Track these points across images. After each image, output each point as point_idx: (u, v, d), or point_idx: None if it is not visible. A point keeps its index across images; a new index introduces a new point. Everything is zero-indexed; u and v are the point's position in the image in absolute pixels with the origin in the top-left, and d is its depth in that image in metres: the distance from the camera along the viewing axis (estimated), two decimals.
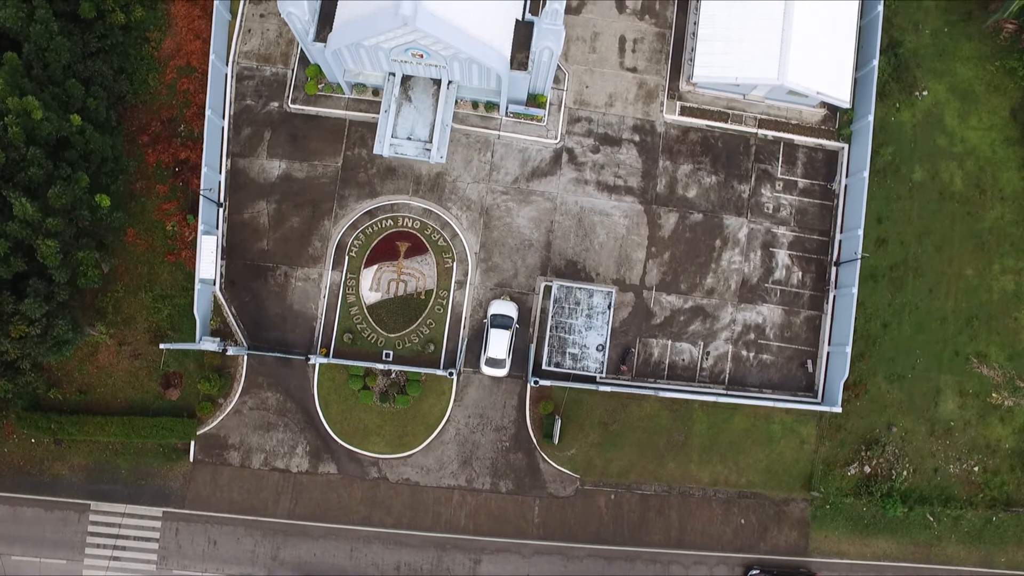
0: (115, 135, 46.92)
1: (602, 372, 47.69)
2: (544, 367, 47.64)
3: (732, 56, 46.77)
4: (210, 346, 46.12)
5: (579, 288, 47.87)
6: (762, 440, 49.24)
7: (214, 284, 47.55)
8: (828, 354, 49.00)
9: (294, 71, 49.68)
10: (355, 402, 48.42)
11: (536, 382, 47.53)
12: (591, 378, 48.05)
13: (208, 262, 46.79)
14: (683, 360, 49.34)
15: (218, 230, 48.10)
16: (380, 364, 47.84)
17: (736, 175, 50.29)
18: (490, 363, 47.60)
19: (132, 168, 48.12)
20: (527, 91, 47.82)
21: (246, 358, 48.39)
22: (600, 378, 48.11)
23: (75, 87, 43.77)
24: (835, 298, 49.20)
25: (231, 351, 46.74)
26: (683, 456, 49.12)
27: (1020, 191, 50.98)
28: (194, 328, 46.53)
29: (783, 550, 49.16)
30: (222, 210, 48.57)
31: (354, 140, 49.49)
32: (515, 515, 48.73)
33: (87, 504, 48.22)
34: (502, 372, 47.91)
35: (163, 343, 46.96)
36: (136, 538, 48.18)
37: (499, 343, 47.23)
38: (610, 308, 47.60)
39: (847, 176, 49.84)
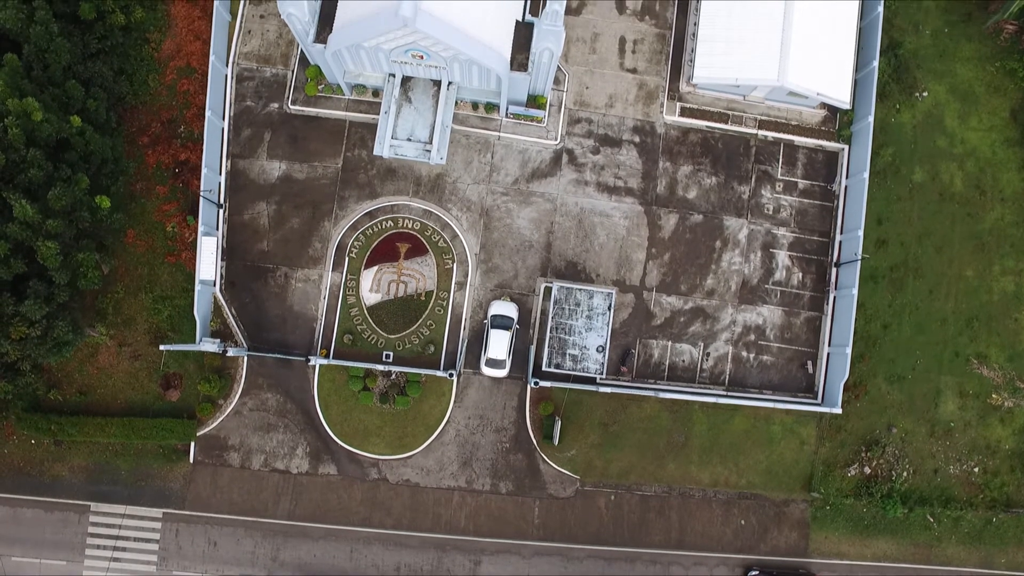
0: (115, 136, 46.91)
1: (602, 373, 47.68)
2: (544, 368, 47.64)
3: (732, 57, 46.75)
4: (210, 347, 46.17)
5: (579, 289, 47.86)
6: (762, 441, 49.25)
7: (214, 285, 47.57)
8: (828, 355, 49.00)
9: (294, 72, 49.67)
10: (355, 403, 48.43)
11: (536, 383, 47.54)
12: (591, 379, 48.05)
13: (208, 263, 46.82)
14: (683, 361, 49.35)
15: (218, 231, 48.11)
16: (380, 365, 47.84)
17: (736, 176, 50.27)
18: (490, 364, 47.60)
19: (132, 169, 48.13)
20: (527, 92, 47.80)
21: (246, 359, 48.39)
22: (600, 379, 48.10)
23: (75, 88, 43.74)
24: (835, 299, 49.20)
25: (231, 352, 46.77)
26: (683, 457, 49.13)
27: (1020, 192, 50.98)
28: (194, 329, 46.57)
29: (783, 551, 49.17)
30: (222, 211, 48.58)
31: (354, 141, 49.48)
32: (515, 516, 48.74)
33: (87, 505, 48.24)
34: (502, 373, 47.92)
35: (163, 344, 47.00)
36: (136, 539, 48.21)
37: (499, 344, 47.24)
38: (610, 309, 47.59)
39: (847, 177, 49.84)
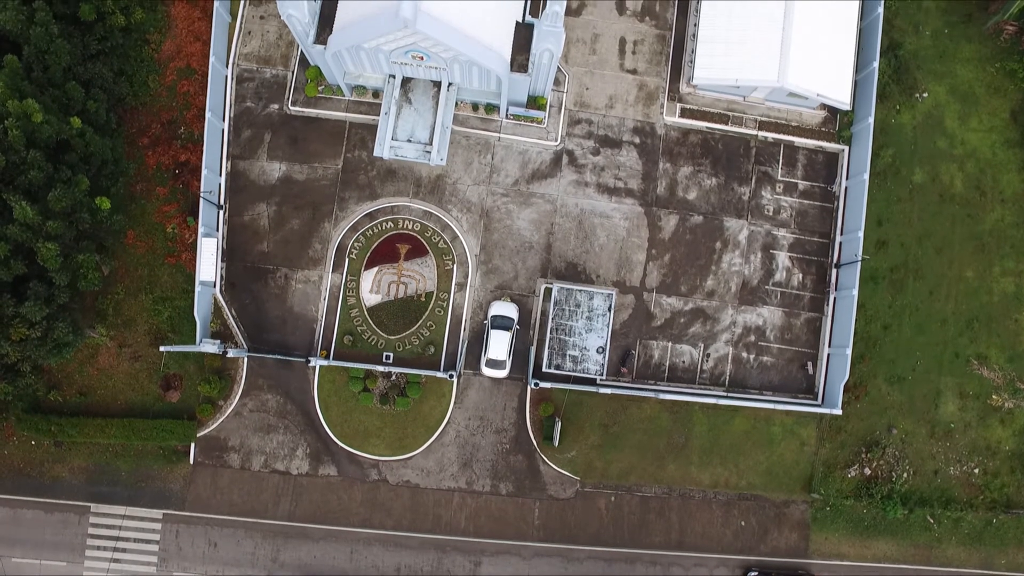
0: (115, 137, 46.91)
1: (602, 374, 47.64)
2: (544, 369, 47.62)
3: (732, 58, 46.73)
4: (210, 348, 46.18)
5: (579, 290, 47.85)
6: (762, 442, 49.24)
7: (214, 286, 47.59)
8: (828, 356, 48.99)
9: (294, 73, 49.66)
10: (355, 404, 48.43)
11: (536, 384, 47.54)
12: (591, 380, 48.03)
13: (208, 264, 46.85)
14: (683, 362, 49.34)
15: (218, 232, 48.11)
16: (380, 366, 47.83)
17: (736, 177, 50.26)
18: (490, 364, 47.60)
19: (132, 170, 48.15)
20: (527, 93, 47.78)
21: (246, 360, 48.39)
22: (600, 380, 48.09)
23: (75, 89, 43.73)
24: (835, 300, 49.19)
25: (231, 353, 46.77)
26: (683, 458, 49.13)
27: (1020, 193, 50.94)
28: (194, 330, 46.58)
29: (783, 552, 49.17)
30: (222, 212, 48.58)
31: (354, 142, 49.47)
32: (515, 517, 48.74)
33: (87, 506, 48.26)
34: (502, 373, 47.92)
35: (163, 345, 47.00)
36: (136, 540, 48.22)
37: (500, 344, 47.23)
38: (610, 310, 47.56)
39: (847, 178, 49.82)
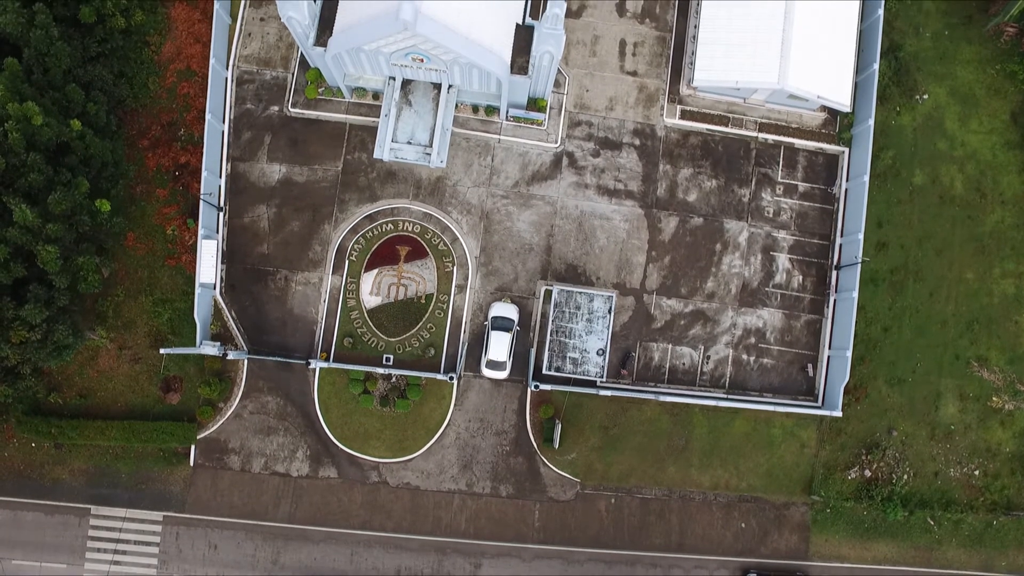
0: (115, 139, 46.88)
1: (602, 376, 47.65)
2: (544, 371, 47.61)
3: (732, 60, 46.69)
4: (210, 350, 46.17)
5: (579, 292, 47.84)
6: (762, 444, 49.23)
7: (214, 288, 47.60)
8: (828, 358, 48.98)
9: (294, 75, 49.64)
10: (355, 406, 48.42)
11: (536, 386, 47.53)
12: (591, 382, 48.03)
13: (208, 266, 46.86)
14: (683, 364, 49.33)
15: (218, 234, 48.11)
16: (380, 368, 47.80)
17: (736, 179, 50.24)
18: (491, 365, 47.58)
19: (132, 172, 48.17)
20: (527, 95, 47.74)
21: (246, 362, 48.38)
22: (600, 382, 48.09)
23: (75, 92, 43.70)
24: (835, 302, 49.17)
25: (231, 355, 46.74)
26: (683, 460, 49.12)
27: (1020, 195, 50.92)
28: (194, 332, 46.56)
29: (783, 554, 49.16)
30: (222, 214, 48.57)
31: (354, 144, 49.45)
32: (515, 519, 48.74)
33: (87, 508, 48.25)
34: (503, 374, 47.91)
35: (163, 347, 46.93)
36: (136, 542, 48.21)
37: (500, 345, 47.21)
38: (610, 312, 47.56)
39: (847, 180, 49.80)
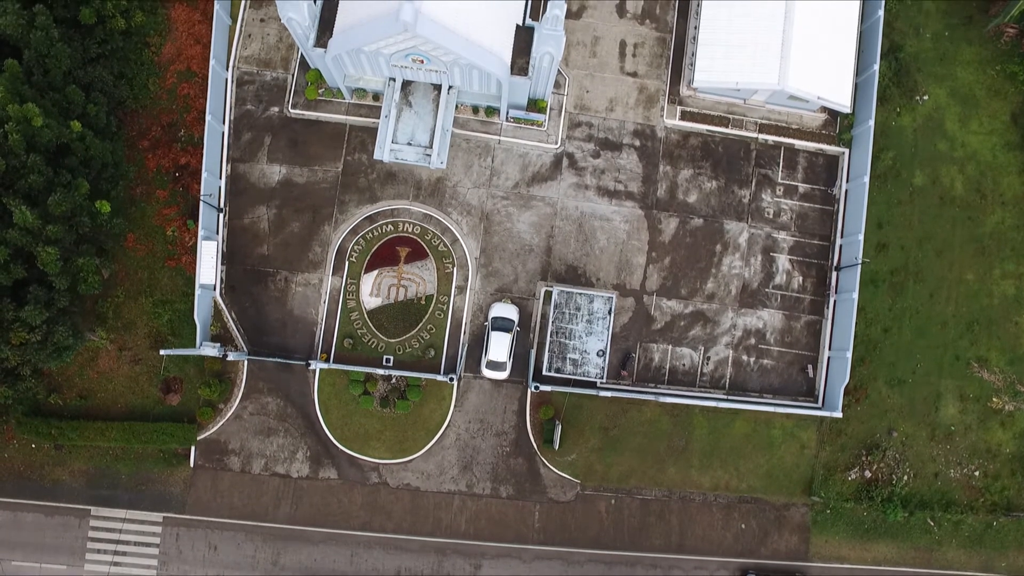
0: (115, 141, 46.85)
1: (603, 377, 47.62)
2: (544, 372, 47.57)
3: (733, 61, 46.67)
4: (210, 351, 46.14)
5: (579, 293, 47.82)
6: (763, 445, 49.22)
7: (214, 289, 47.59)
8: (829, 359, 48.98)
9: (294, 76, 49.62)
10: (355, 407, 48.41)
11: (536, 387, 47.54)
12: (591, 383, 48.01)
13: (208, 267, 46.85)
14: (684, 365, 49.32)
15: (218, 235, 48.10)
16: (380, 369, 47.78)
17: (737, 180, 50.23)
18: (491, 366, 47.57)
19: (132, 173, 48.15)
20: (528, 96, 47.72)
21: (246, 363, 48.38)
22: (600, 383, 48.08)
23: (75, 93, 43.68)
24: (836, 303, 49.17)
25: (231, 356, 46.69)
26: (684, 461, 49.12)
27: (1021, 196, 50.91)
28: (194, 333, 46.56)
29: (784, 555, 49.15)
30: (222, 215, 48.56)
31: (354, 145, 49.44)
32: (515, 520, 48.74)
33: (87, 509, 48.24)
34: (503, 375, 47.90)
35: (163, 348, 46.77)
36: (136, 543, 48.20)
37: (500, 345, 47.20)
38: (611, 313, 47.54)
39: (847, 181, 49.79)
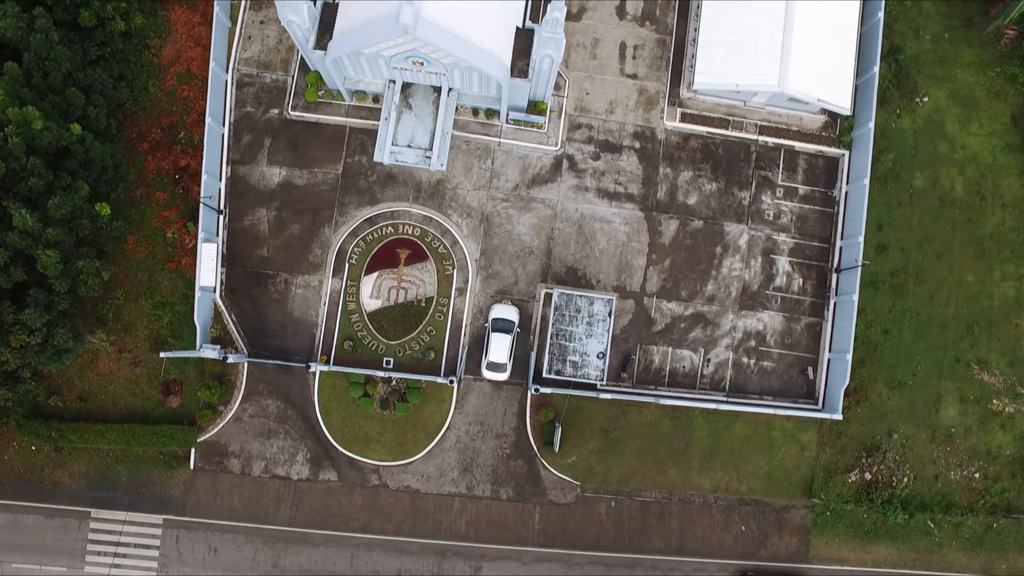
0: (115, 143, 46.79)
1: (603, 379, 47.61)
2: (545, 374, 47.56)
3: (733, 63, 46.65)
4: (210, 353, 46.10)
5: (580, 295, 47.81)
6: (763, 447, 49.22)
7: (214, 291, 47.58)
8: (829, 361, 48.98)
9: (294, 78, 49.61)
10: (356, 409, 48.42)
11: (537, 389, 47.54)
12: (592, 385, 48.02)
13: (208, 269, 46.84)
14: (684, 367, 49.32)
15: (218, 237, 48.08)
16: (381, 371, 47.76)
17: (737, 182, 50.22)
18: (491, 367, 47.56)
19: (132, 176, 48.13)
20: (528, 98, 47.72)
21: (246, 365, 48.37)
22: (601, 385, 48.08)
23: (75, 96, 43.67)
24: (836, 305, 49.16)
25: (231, 358, 46.70)
26: (684, 463, 49.11)
27: (1021, 197, 50.90)
28: (194, 335, 46.56)
29: (783, 557, 49.16)
30: (222, 217, 48.55)
31: (354, 147, 49.43)
32: (516, 522, 48.74)
33: (87, 511, 48.25)
34: (503, 376, 47.89)
35: (163, 351, 46.90)
36: (137, 545, 48.21)
37: (500, 347, 47.20)
38: (611, 315, 47.53)
39: (848, 183, 49.79)
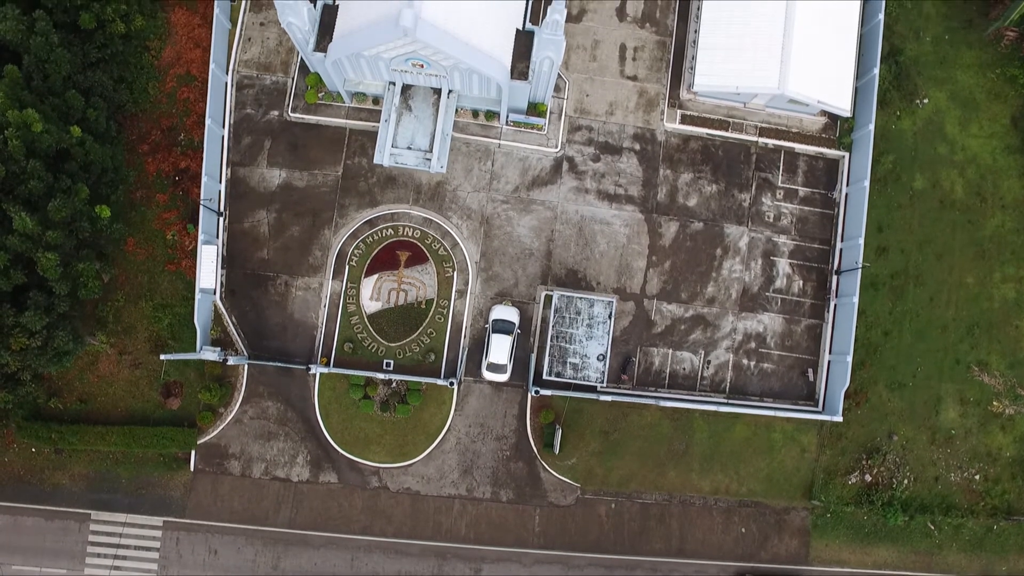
0: (115, 145, 46.81)
1: (603, 381, 47.61)
2: (545, 376, 47.57)
3: (733, 65, 46.66)
4: (211, 355, 46.11)
5: (580, 298, 47.80)
6: (763, 449, 49.21)
7: (214, 293, 47.57)
8: (829, 363, 48.96)
9: (294, 80, 49.60)
10: (356, 411, 48.41)
11: (537, 391, 47.52)
12: (592, 387, 48.00)
13: (208, 271, 46.83)
14: (684, 369, 49.31)
15: (218, 239, 48.06)
16: (381, 373, 47.76)
17: (737, 184, 50.21)
18: (491, 368, 47.56)
19: (132, 178, 48.13)
20: (527, 100, 47.71)
21: (246, 367, 48.36)
22: (601, 387, 48.05)
23: (75, 98, 43.68)
24: (836, 307, 49.15)
25: (232, 360, 46.70)
26: (684, 465, 49.11)
27: (1021, 199, 50.90)
28: (194, 337, 46.56)
29: (784, 559, 49.17)
30: (222, 219, 48.53)
31: (354, 149, 49.42)
32: (516, 524, 48.73)
33: (88, 513, 48.25)
34: (503, 377, 47.89)
35: (163, 353, 46.94)
36: (137, 547, 48.21)
37: (501, 348, 47.19)
38: (611, 317, 47.53)
39: (848, 185, 49.77)
